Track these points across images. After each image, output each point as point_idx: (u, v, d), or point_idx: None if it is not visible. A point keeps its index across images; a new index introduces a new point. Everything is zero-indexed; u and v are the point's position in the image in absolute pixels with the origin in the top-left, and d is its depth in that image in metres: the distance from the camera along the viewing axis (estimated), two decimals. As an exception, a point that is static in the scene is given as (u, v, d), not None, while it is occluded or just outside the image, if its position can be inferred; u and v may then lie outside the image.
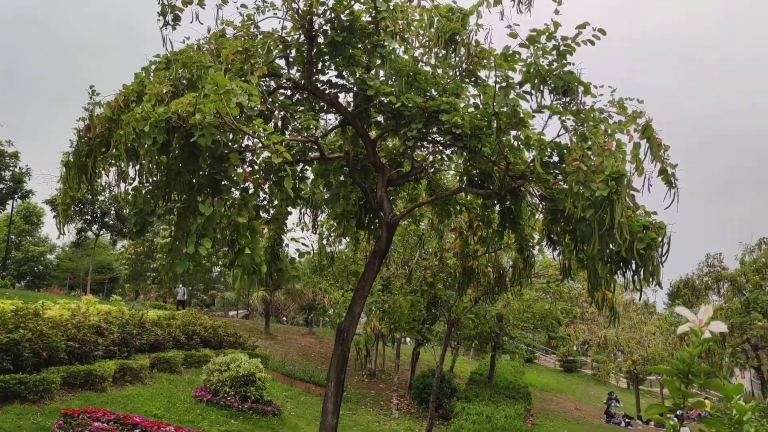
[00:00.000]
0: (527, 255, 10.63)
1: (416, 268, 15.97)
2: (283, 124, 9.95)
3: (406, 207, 11.34)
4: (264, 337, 31.18)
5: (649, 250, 7.35)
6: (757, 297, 26.29)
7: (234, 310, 54.84)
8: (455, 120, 8.32)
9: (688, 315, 2.20)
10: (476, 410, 18.24)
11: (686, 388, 2.12)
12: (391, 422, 20.76)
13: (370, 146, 9.72)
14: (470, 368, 33.67)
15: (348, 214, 10.95)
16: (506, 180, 9.18)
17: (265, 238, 9.96)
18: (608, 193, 6.83)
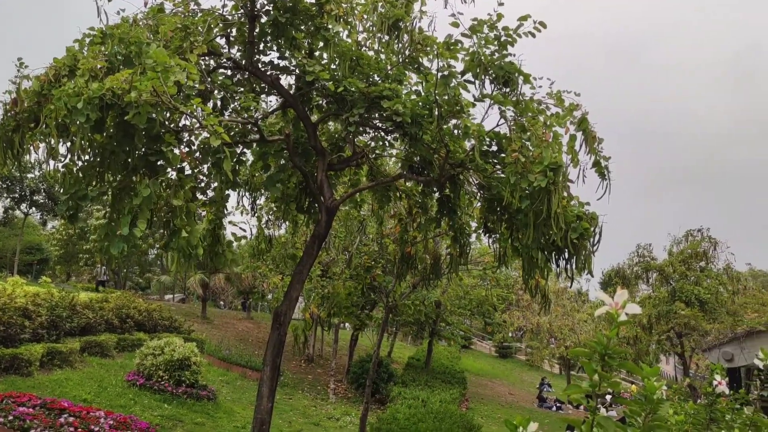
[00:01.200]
0: (463, 242, 10.79)
1: (356, 254, 16.00)
2: (222, 104, 9.78)
3: (347, 192, 11.34)
4: (201, 322, 30.74)
5: (581, 239, 7.58)
6: (683, 286, 27.41)
7: (170, 293, 53.81)
8: (397, 107, 8.35)
9: (605, 299, 2.30)
10: (412, 395, 18.48)
11: (603, 370, 2.22)
12: (328, 407, 20.84)
13: (311, 130, 9.66)
14: (408, 354, 34.05)
15: (288, 197, 10.87)
16: (446, 168, 9.28)
17: (203, 221, 9.81)
18: (546, 183, 6.99)
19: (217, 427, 14.71)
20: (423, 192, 11.07)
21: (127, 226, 6.31)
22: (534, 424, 2.75)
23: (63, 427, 9.99)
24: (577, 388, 2.30)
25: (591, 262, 7.72)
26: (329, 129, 11.41)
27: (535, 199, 7.14)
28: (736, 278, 28.44)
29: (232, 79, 9.87)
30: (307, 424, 17.72)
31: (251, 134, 9.90)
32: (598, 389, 2.25)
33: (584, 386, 2.28)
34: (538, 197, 7.12)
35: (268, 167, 9.78)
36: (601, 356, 2.22)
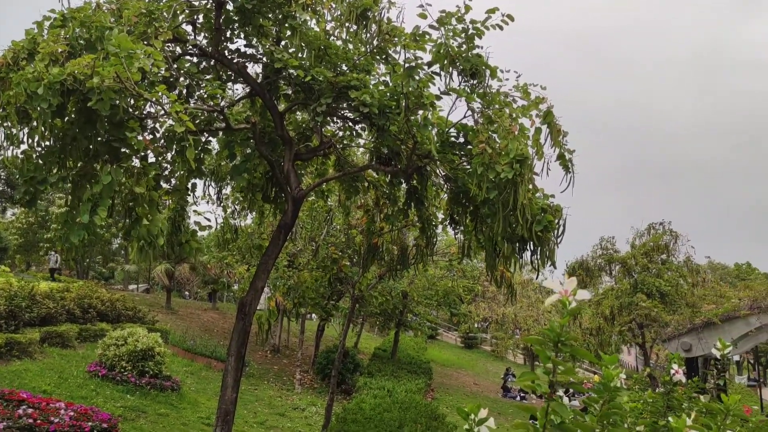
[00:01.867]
0: (430, 234, 10.86)
1: (323, 245, 15.98)
2: (188, 92, 9.64)
3: (314, 182, 11.31)
4: (165, 312, 30.40)
5: (546, 231, 7.69)
6: (644, 279, 27.88)
7: (135, 283, 53.07)
8: (364, 98, 8.34)
9: (555, 286, 2.34)
10: (378, 385, 18.55)
11: (556, 356, 2.27)
12: (294, 397, 20.83)
13: (278, 119, 9.60)
14: (374, 344, 34.17)
15: (254, 187, 10.81)
16: (413, 159, 9.32)
17: (166, 210, 9.70)
18: (513, 175, 7.07)
19: (181, 417, 14.61)
20: (390, 183, 11.10)
21: (88, 213, 6.21)
22: (484, 411, 2.80)
23: (21, 419, 9.82)
24: (530, 375, 2.34)
25: (555, 253, 7.84)
26: (296, 118, 11.35)
27: (502, 190, 7.21)
28: (695, 271, 29.04)
29: (198, 66, 9.74)
30: (272, 414, 17.69)
31: (217, 122, 9.80)
32: (552, 376, 2.30)
33: (538, 373, 2.32)
34: (504, 189, 7.19)
35: (234, 156, 9.69)
36: (555, 344, 2.27)
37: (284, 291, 13.19)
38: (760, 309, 14.29)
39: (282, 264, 15.86)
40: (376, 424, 10.64)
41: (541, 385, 2.35)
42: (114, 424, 10.60)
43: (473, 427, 2.94)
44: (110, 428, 10.41)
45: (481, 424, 2.85)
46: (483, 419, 2.86)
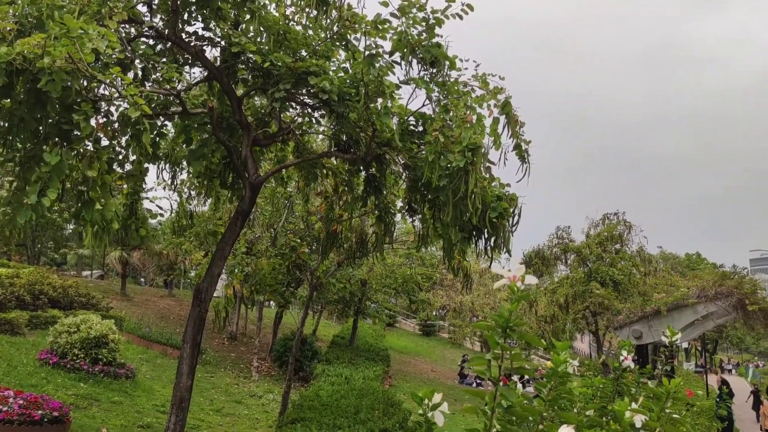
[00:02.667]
0: (388, 222, 10.89)
1: (282, 232, 15.88)
2: (143, 74, 9.44)
3: (272, 168, 11.21)
4: (120, 299, 29.89)
5: (500, 219, 7.78)
6: (598, 268, 28.51)
7: (89, 269, 51.95)
8: (323, 84, 8.30)
9: (503, 272, 2.39)
10: (336, 372, 18.59)
11: (505, 342, 2.31)
12: (251, 384, 20.74)
13: (236, 104, 9.48)
14: (333, 332, 34.21)
15: (211, 173, 10.66)
16: (372, 147, 9.31)
17: (121, 195, 9.51)
18: (464, 163, 7.12)
19: (136, 405, 14.42)
20: (349, 170, 11.07)
21: (35, 194, 6.05)
22: (438, 396, 2.84)
23: (-32, 407, 9.56)
24: (480, 360, 2.39)
25: (509, 241, 7.95)
26: (255, 104, 11.22)
27: (454, 178, 7.27)
28: (648, 260, 29.82)
29: (154, 48, 9.52)
30: (228, 401, 17.59)
31: (173, 106, 9.62)
32: (500, 361, 2.34)
33: (487, 358, 2.37)
34: (456, 177, 7.25)
35: (191, 141, 9.55)
36: (503, 329, 2.31)
37: (241, 278, 13.09)
38: (707, 298, 14.75)
39: (240, 251, 15.71)
40: (332, 410, 10.67)
41: (492, 370, 2.40)
42: (65, 413, 10.40)
43: (427, 411, 2.98)
44: (61, 417, 10.21)
45: (435, 409, 2.90)
46: (437, 404, 2.91)
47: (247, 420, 15.65)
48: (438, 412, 2.87)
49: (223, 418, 15.58)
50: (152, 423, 13.12)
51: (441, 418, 2.86)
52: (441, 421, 2.86)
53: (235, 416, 15.98)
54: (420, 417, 3.03)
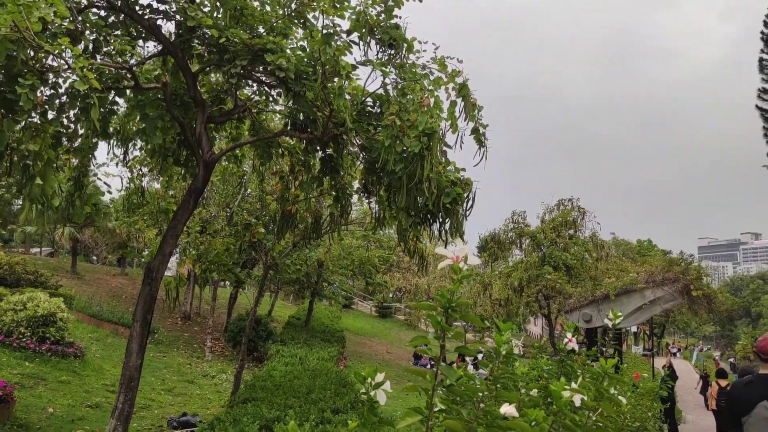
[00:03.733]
0: (344, 203, 10.86)
1: (238, 211, 15.70)
2: (94, 47, 9.17)
3: (227, 146, 11.06)
4: (70, 277, 29.25)
5: (454, 204, 7.82)
6: (552, 252, 29.00)
7: (38, 247, 50.62)
8: (280, 62, 8.18)
9: (446, 253, 2.41)
10: (290, 353, 18.57)
11: (446, 322, 2.33)
12: (204, 364, 20.59)
13: (190, 80, 9.29)
14: (289, 312, 34.13)
15: (164, 149, 10.46)
16: (329, 127, 9.25)
17: (67, 170, 9.26)
18: (420, 148, 7.13)
19: (84, 384, 14.18)
20: (306, 150, 10.98)
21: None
22: (381, 375, 2.86)
23: None
24: (421, 339, 2.41)
25: (462, 226, 8.01)
26: (211, 80, 11.01)
27: (409, 163, 7.27)
28: (600, 246, 30.46)
29: (105, 20, 9.24)
30: (180, 381, 17.43)
31: (125, 81, 9.38)
32: (441, 340, 2.37)
33: (429, 338, 2.39)
34: (411, 161, 7.25)
35: (144, 117, 9.33)
36: (445, 309, 2.33)
37: (194, 257, 12.91)
38: (655, 283, 15.18)
39: (195, 229, 15.49)
40: (285, 391, 10.66)
41: (432, 350, 2.42)
42: (9, 392, 10.18)
43: (369, 390, 3.00)
44: (5, 396, 9.99)
45: (377, 388, 2.92)
46: (379, 383, 2.93)
47: (199, 400, 15.55)
48: (380, 391, 2.89)
49: (175, 397, 15.45)
50: (101, 402, 12.94)
51: (383, 397, 2.88)
52: (383, 399, 2.88)
53: (186, 396, 15.86)
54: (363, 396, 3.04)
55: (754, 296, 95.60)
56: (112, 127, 9.87)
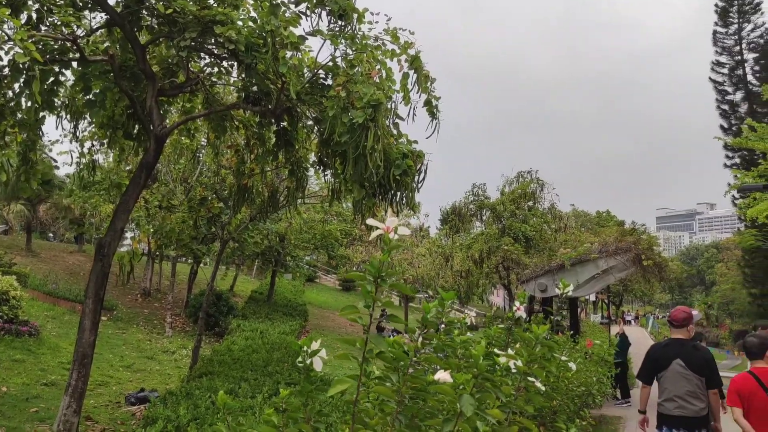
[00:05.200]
0: (300, 176, 10.83)
1: (195, 185, 15.51)
2: (37, 18, 8.89)
3: (179, 119, 10.89)
4: (25, 254, 28.61)
5: (405, 176, 7.87)
6: (512, 224, 29.41)
7: (-10, 224, 49.28)
8: (230, 34, 8.06)
9: (377, 224, 2.45)
10: (251, 327, 18.59)
11: (376, 291, 2.38)
12: (164, 340, 20.46)
13: (139, 52, 9.09)
14: (252, 287, 34.01)
15: (114, 123, 10.25)
16: (282, 99, 9.17)
17: (14, 143, 9.03)
18: (364, 119, 7.12)
19: (40, 363, 14.00)
20: (260, 123, 10.88)
21: None
22: (316, 342, 2.91)
23: None
24: (352, 309, 2.45)
25: (414, 198, 8.07)
26: (162, 53, 10.79)
27: (354, 134, 7.27)
28: (558, 217, 30.99)
29: (49, -11, 8.96)
30: (140, 358, 17.31)
31: (71, 53, 9.13)
32: (371, 310, 2.41)
33: (359, 307, 2.43)
34: (357, 133, 7.25)
35: (90, 90, 9.12)
36: (375, 278, 2.38)
37: (149, 232, 12.74)
38: (608, 253, 15.54)
39: (153, 204, 15.27)
40: (242, 364, 10.69)
41: (363, 319, 2.47)
42: (-40, 372, 10.00)
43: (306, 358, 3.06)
44: (-45, 376, 9.81)
45: (314, 356, 2.97)
46: (315, 350, 2.98)
47: (159, 375, 15.48)
48: (317, 358, 2.95)
49: (134, 374, 15.35)
50: (57, 380, 12.79)
51: (319, 364, 2.94)
52: (319, 366, 2.93)
53: (146, 372, 15.77)
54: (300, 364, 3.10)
55: (708, 265, 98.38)
56: (60, 100, 9.63)
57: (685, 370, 6.66)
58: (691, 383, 6.61)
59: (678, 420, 6.65)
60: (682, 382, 6.65)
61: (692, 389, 6.60)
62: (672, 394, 6.68)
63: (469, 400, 2.44)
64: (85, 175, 10.61)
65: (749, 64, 41.19)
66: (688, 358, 6.68)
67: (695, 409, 6.58)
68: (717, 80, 42.40)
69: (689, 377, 6.62)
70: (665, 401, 6.72)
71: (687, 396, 6.60)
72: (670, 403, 6.68)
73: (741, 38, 41.44)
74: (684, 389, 6.62)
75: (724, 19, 41.93)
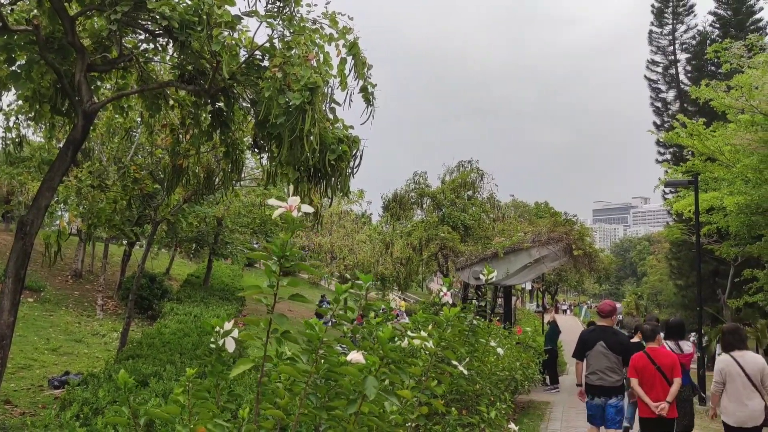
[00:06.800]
0: (236, 158, 10.68)
1: (130, 165, 15.10)
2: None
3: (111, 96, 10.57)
4: (-53, 232, 27.38)
5: (340, 161, 7.87)
6: (451, 213, 29.77)
7: None
8: (163, 9, 7.86)
9: (278, 204, 2.46)
10: (185, 311, 18.29)
11: (279, 272, 2.39)
12: (94, 323, 19.95)
13: (68, 24, 8.75)
14: (189, 271, 33.46)
15: (41, 96, 9.87)
16: (217, 79, 9.00)
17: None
18: (301, 102, 7.09)
19: (-42, 345, 13.45)
20: (195, 103, 10.66)
21: None
22: (229, 323, 2.91)
23: None
24: (255, 288, 2.46)
25: (348, 183, 8.08)
26: (94, 26, 10.43)
27: (291, 116, 7.23)
28: (497, 207, 31.55)
29: (-32, -46, 8.55)
30: (67, 340, 16.83)
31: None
32: (276, 289, 2.42)
33: (262, 286, 2.44)
34: (294, 115, 7.21)
35: (14, 61, 8.76)
36: (278, 258, 2.39)
37: (76, 211, 12.37)
38: (540, 242, 15.92)
39: (86, 183, 14.78)
40: (172, 348, 10.52)
41: (267, 299, 2.48)
42: None
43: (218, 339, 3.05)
44: None
45: (226, 336, 2.97)
46: (228, 331, 2.98)
47: (86, 359, 15.10)
48: (229, 339, 2.95)
49: (60, 357, 14.93)
50: (-24, 363, 12.32)
51: (232, 344, 2.94)
52: (232, 347, 2.94)
53: (73, 355, 15.35)
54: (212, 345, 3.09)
55: (640, 257, 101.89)
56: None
57: (605, 350, 8.33)
58: (610, 360, 8.30)
59: (599, 389, 8.32)
60: (603, 359, 8.31)
61: (611, 365, 8.30)
62: (595, 368, 8.36)
63: (373, 382, 2.48)
64: (11, 150, 10.20)
65: (682, 64, 42.65)
66: (608, 341, 8.41)
67: (612, 380, 8.29)
68: (651, 78, 43.78)
69: (609, 356, 8.31)
70: (590, 374, 8.43)
71: (606, 370, 8.29)
72: (593, 376, 8.38)
73: (675, 39, 42.85)
74: (604, 365, 8.30)
75: (660, 20, 43.25)
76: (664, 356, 7.87)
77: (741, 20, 37.76)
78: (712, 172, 23.66)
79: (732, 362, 7.23)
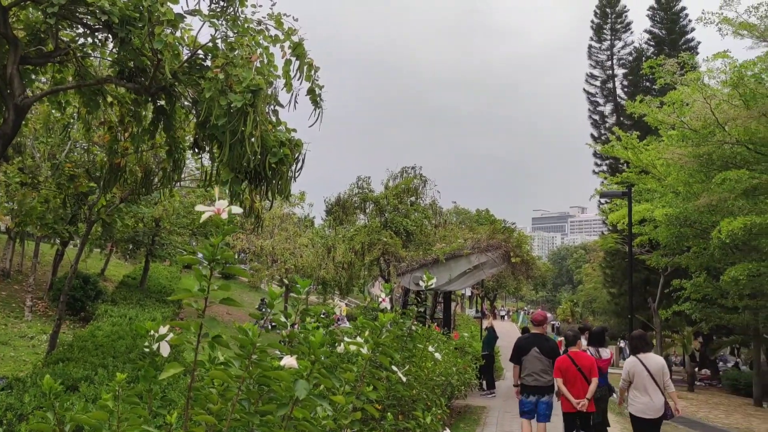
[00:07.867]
0: (177, 158, 10.50)
1: (64, 162, 14.63)
2: None
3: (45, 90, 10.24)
4: None
5: (281, 165, 7.83)
6: (394, 218, 29.94)
7: None
8: (102, 4, 7.69)
9: (206, 208, 2.45)
10: (120, 313, 17.80)
11: (210, 276, 2.37)
12: (22, 325, 19.22)
13: (0, 14, 8.47)
14: (125, 272, 32.59)
15: (-30, 89, 9.47)
16: (158, 77, 8.84)
17: None
18: (243, 104, 7.03)
19: None
20: (135, 101, 10.43)
21: None
22: (165, 327, 2.87)
23: None
24: (185, 292, 2.43)
25: (289, 186, 8.05)
26: (29, 17, 10.09)
27: (232, 118, 7.17)
28: (439, 213, 31.89)
29: None
30: (-7, 343, 16.18)
31: None
32: (207, 293, 2.41)
33: (193, 291, 2.42)
34: (234, 117, 7.15)
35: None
36: (209, 261, 2.37)
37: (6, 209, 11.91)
38: (479, 249, 16.19)
39: (14, 180, 14.25)
40: (105, 351, 10.24)
41: (198, 303, 2.46)
42: None
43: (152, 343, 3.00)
44: None
45: (161, 340, 2.93)
46: (162, 335, 2.94)
47: (13, 362, 14.53)
48: (164, 343, 2.91)
49: (-16, 360, 14.34)
50: None
51: (167, 348, 2.90)
52: (167, 351, 2.90)
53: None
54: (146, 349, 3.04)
55: (576, 265, 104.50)
56: None
57: (539, 355, 9.36)
58: (543, 363, 9.34)
59: (534, 388, 9.34)
60: (538, 363, 9.35)
61: (544, 368, 9.34)
62: (530, 371, 9.37)
63: (304, 385, 2.50)
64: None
65: (619, 78, 44.09)
66: (541, 347, 9.47)
67: (545, 380, 9.33)
68: (590, 91, 45.08)
69: (542, 359, 9.35)
70: (526, 376, 9.43)
71: (540, 372, 9.33)
72: (529, 377, 9.38)
73: (613, 54, 44.27)
74: (538, 368, 9.33)
75: (599, 35, 44.62)
76: (584, 359, 9.24)
77: (674, 39, 39.33)
78: (645, 184, 24.57)
79: (638, 363, 8.24)
